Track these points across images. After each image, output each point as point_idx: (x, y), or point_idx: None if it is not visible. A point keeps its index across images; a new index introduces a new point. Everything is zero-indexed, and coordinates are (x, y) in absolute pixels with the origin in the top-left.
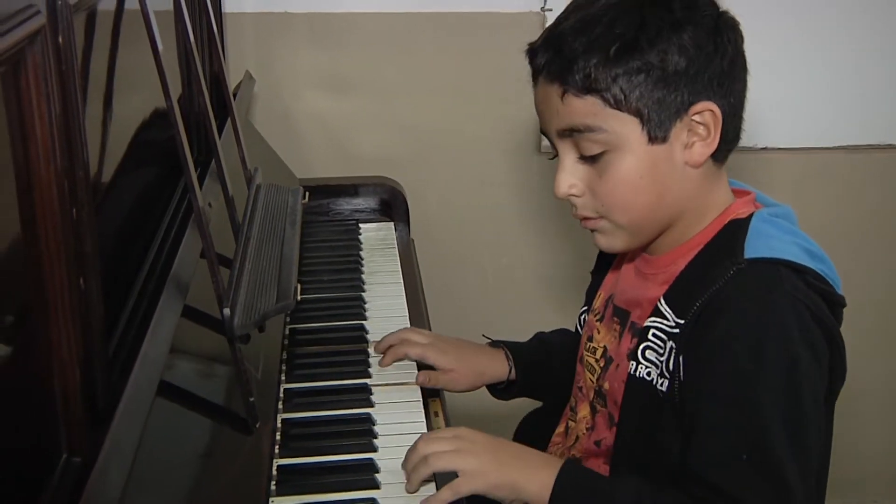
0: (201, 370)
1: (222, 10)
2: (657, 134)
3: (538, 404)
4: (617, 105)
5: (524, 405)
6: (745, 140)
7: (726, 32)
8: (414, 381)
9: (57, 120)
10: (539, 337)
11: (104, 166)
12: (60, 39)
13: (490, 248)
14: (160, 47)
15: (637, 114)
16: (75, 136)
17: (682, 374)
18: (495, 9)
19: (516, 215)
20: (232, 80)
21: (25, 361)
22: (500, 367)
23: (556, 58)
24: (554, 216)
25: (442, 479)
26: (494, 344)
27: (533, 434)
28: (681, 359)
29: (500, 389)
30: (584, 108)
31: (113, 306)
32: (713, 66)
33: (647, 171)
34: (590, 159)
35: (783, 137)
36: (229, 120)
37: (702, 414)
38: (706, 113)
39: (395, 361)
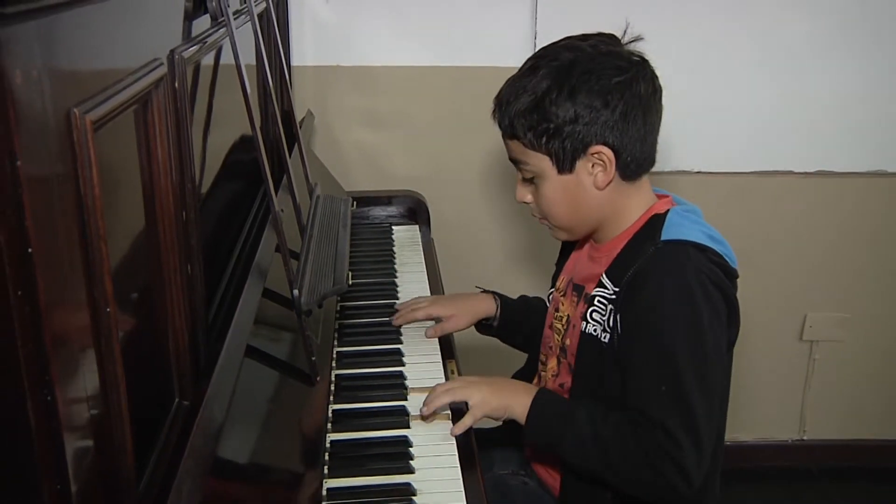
0: (276, 337)
1: (291, 64)
2: (564, 167)
3: (521, 365)
4: (532, 147)
5: (513, 366)
6: (684, 165)
7: (617, 93)
8: (431, 353)
9: (172, 145)
10: (523, 297)
11: (205, 179)
12: (176, 84)
13: (491, 246)
14: (249, 90)
15: (547, 153)
16: (185, 157)
17: (619, 328)
18: (497, 64)
19: (510, 222)
20: (297, 116)
21: (148, 327)
22: (490, 306)
23: (497, 109)
24: (538, 224)
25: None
26: (486, 291)
27: None
28: (617, 317)
29: (484, 326)
30: (515, 148)
31: (211, 287)
32: (603, 118)
33: (561, 193)
34: (528, 181)
35: (713, 164)
36: (296, 146)
37: (632, 360)
38: (599, 153)
39: (405, 324)
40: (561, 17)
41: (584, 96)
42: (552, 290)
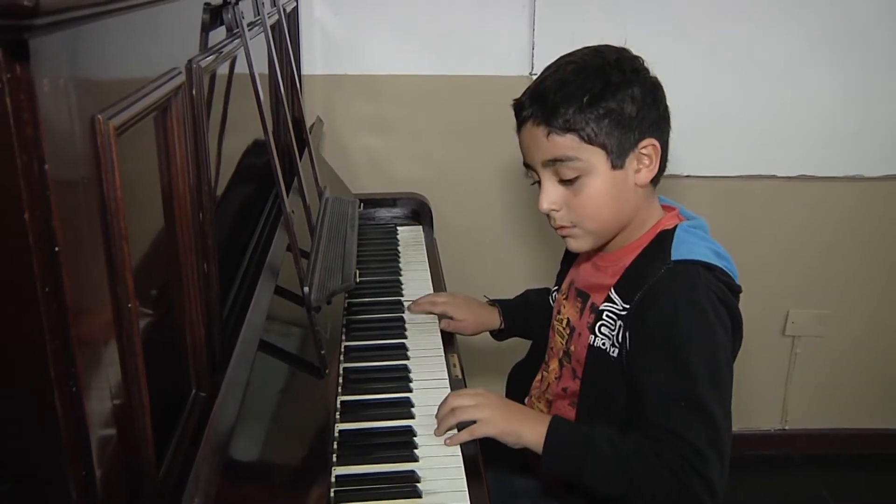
0: (287, 331)
1: (301, 73)
2: (617, 162)
3: (523, 356)
4: (590, 140)
5: (513, 359)
6: (675, 169)
7: (658, 90)
8: (434, 347)
9: (190, 149)
10: (525, 294)
11: (220, 182)
12: (194, 92)
13: (490, 245)
14: (262, 98)
15: (603, 147)
16: (202, 160)
17: (628, 345)
18: (496, 73)
19: (509, 222)
20: (307, 123)
21: (167, 322)
22: (495, 320)
23: (541, 108)
24: (535, 223)
25: (462, 427)
26: (492, 302)
27: (518, 381)
28: (627, 334)
29: (495, 334)
30: (565, 143)
31: (226, 284)
32: (653, 113)
33: (610, 190)
34: (567, 182)
35: (702, 168)
36: (306, 150)
37: (650, 377)
38: (650, 147)
39: (422, 313)
40: (557, 29)
41: (639, 90)
42: (556, 289)
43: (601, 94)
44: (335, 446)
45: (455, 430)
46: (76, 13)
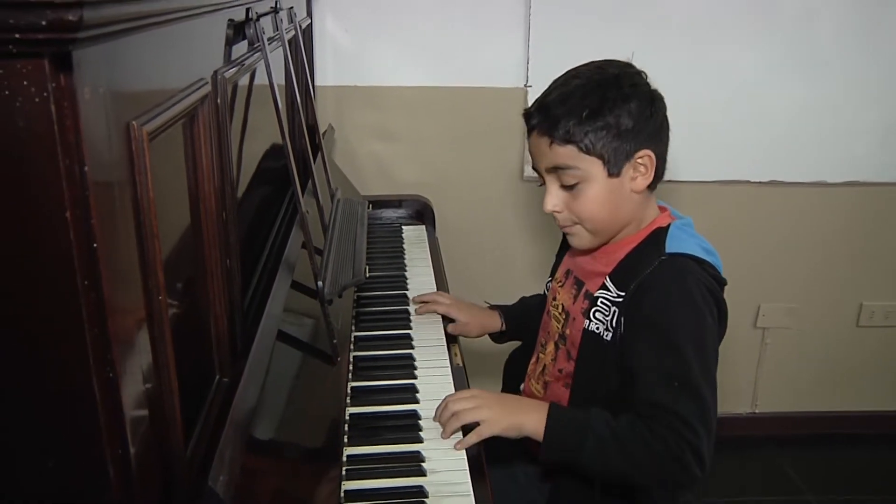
0: (302, 322)
1: (315, 84)
2: (613, 171)
3: (518, 344)
4: (587, 151)
5: (509, 348)
6: (666, 175)
7: (657, 103)
8: (436, 337)
9: (215, 153)
10: (522, 300)
11: (241, 184)
12: (219, 101)
13: (489, 243)
14: (280, 106)
15: (601, 157)
16: (225, 164)
17: (622, 329)
18: (493, 85)
19: (505, 222)
20: (320, 130)
21: (193, 314)
22: (496, 322)
23: (545, 120)
24: (529, 223)
25: (465, 428)
26: (493, 307)
27: (514, 368)
28: (622, 319)
29: (495, 337)
30: (566, 153)
31: (247, 278)
32: (649, 125)
33: (606, 196)
34: (568, 187)
35: (682, 173)
36: (320, 155)
37: (642, 359)
38: (645, 157)
39: (426, 313)
40: (551, 44)
41: (636, 105)
42: (550, 279)
43: (599, 110)
44: (346, 428)
45: (461, 434)
46: (115, 27)
